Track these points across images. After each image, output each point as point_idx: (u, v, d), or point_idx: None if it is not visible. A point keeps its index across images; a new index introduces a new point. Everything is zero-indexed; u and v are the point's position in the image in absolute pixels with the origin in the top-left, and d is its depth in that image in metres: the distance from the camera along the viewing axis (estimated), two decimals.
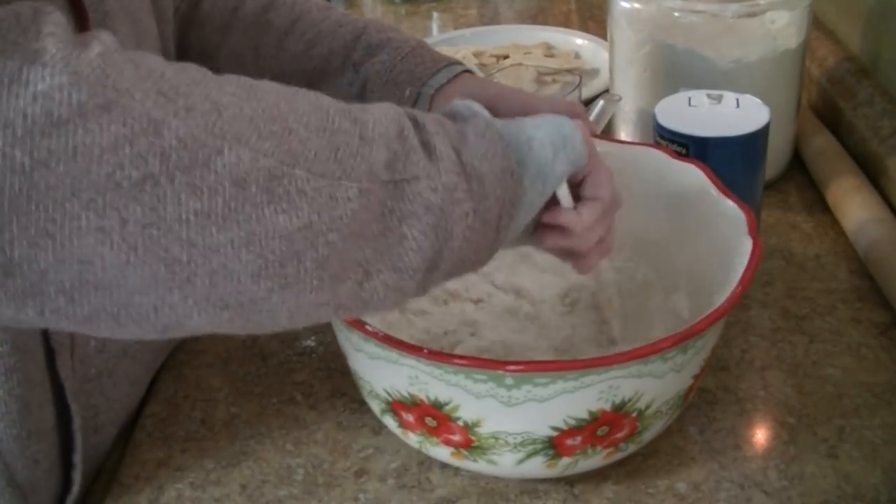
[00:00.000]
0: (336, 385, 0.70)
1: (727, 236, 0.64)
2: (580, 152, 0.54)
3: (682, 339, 0.53)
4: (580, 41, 1.23)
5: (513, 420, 0.54)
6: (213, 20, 0.77)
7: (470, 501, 0.60)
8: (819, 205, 0.88)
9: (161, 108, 0.39)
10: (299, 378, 0.72)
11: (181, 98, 0.40)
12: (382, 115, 0.47)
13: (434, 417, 0.56)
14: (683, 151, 0.74)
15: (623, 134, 0.95)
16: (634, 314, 0.70)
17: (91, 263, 0.39)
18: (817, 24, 1.05)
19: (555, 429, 0.54)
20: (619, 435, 0.56)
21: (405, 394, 0.56)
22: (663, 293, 0.71)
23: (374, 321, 0.55)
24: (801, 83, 0.90)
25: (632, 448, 0.59)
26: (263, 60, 0.77)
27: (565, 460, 0.57)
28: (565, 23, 1.36)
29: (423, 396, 0.55)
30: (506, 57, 1.20)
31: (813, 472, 0.61)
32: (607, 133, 0.93)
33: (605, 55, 1.01)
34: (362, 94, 0.74)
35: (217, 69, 0.80)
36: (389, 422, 0.60)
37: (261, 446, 0.66)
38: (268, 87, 0.45)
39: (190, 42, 0.77)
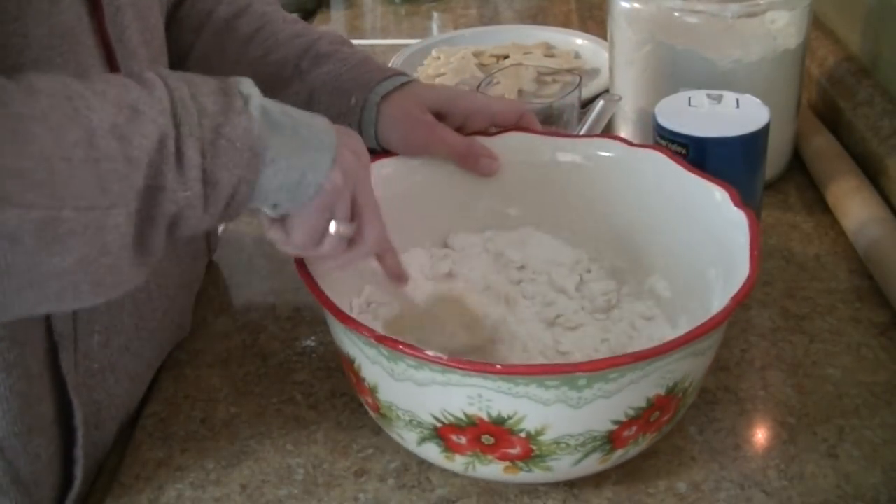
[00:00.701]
0: (336, 385, 0.70)
1: (708, 213, 0.64)
2: (297, 201, 0.54)
3: (731, 310, 0.54)
4: (580, 41, 1.23)
5: (578, 421, 0.54)
6: (190, 21, 0.79)
7: (470, 501, 0.60)
8: (819, 205, 0.88)
9: None
10: (299, 378, 0.72)
11: None
12: (149, 119, 0.49)
13: (492, 434, 0.55)
14: (683, 151, 0.74)
15: (623, 134, 0.95)
16: (609, 301, 0.71)
17: None
18: (817, 24, 1.05)
19: (615, 422, 0.55)
20: (666, 417, 0.57)
21: (461, 416, 0.54)
22: (635, 278, 0.71)
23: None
24: (801, 83, 0.90)
25: (667, 429, 0.59)
26: (227, 64, 0.78)
27: (618, 452, 0.57)
28: (565, 23, 1.36)
29: (483, 415, 0.54)
30: (506, 57, 1.20)
31: (813, 472, 0.61)
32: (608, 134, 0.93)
33: (605, 55, 1.01)
34: (309, 103, 0.75)
35: (188, 69, 0.81)
36: (429, 450, 0.58)
37: (261, 446, 0.66)
38: (43, 110, 0.46)
39: (168, 40, 0.77)
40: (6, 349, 0.54)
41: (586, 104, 0.93)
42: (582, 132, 0.85)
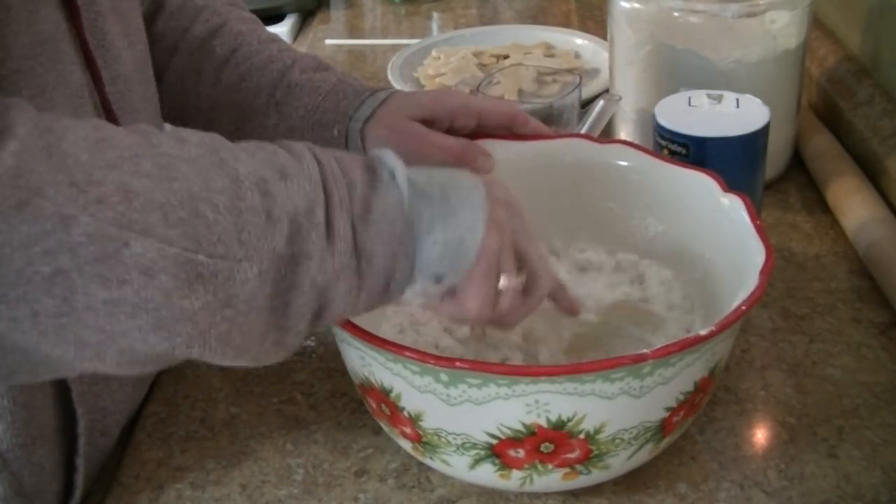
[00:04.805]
0: (336, 385, 0.70)
1: (697, 201, 0.65)
2: (463, 266, 0.52)
3: (764, 285, 0.55)
4: (580, 41, 1.23)
5: (636, 413, 0.54)
6: (165, 39, 0.77)
7: (470, 501, 0.60)
8: (819, 205, 0.88)
9: (72, 202, 0.41)
10: (299, 378, 0.71)
11: (93, 188, 0.41)
12: (298, 185, 0.48)
13: (552, 441, 0.54)
14: (683, 151, 0.74)
15: (623, 134, 0.95)
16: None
17: (4, 340, 0.42)
18: (817, 24, 1.05)
19: (668, 409, 0.55)
20: (704, 399, 0.58)
21: (519, 427, 0.53)
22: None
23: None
24: (801, 83, 0.90)
25: (700, 412, 0.61)
26: (203, 87, 0.77)
27: (667, 440, 0.58)
28: (565, 23, 1.36)
29: (542, 422, 0.53)
30: (506, 57, 1.20)
31: (813, 472, 0.61)
32: (607, 133, 0.93)
33: (605, 55, 1.01)
34: (291, 139, 0.73)
35: (162, 90, 0.77)
36: (484, 472, 0.56)
37: (261, 446, 0.66)
38: (191, 155, 0.46)
39: None
40: None
41: (586, 104, 0.93)
42: (582, 132, 0.85)
